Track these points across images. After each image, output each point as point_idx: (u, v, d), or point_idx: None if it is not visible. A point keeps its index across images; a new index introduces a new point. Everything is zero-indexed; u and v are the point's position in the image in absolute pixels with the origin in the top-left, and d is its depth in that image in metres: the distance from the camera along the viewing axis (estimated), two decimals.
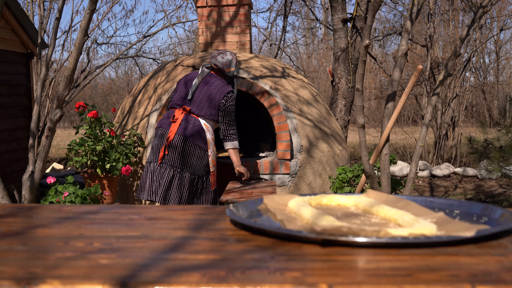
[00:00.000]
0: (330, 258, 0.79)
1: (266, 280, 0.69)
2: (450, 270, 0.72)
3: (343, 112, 6.64)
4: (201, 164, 3.98)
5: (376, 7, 2.88)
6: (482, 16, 3.20)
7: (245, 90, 5.07)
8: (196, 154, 3.96)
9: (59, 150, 12.53)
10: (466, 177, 8.16)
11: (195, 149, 3.96)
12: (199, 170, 3.98)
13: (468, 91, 10.83)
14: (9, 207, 1.27)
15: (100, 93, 20.96)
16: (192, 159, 3.95)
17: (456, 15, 10.67)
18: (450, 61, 3.22)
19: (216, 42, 5.79)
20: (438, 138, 9.24)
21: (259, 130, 6.44)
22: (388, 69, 12.35)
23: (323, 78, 17.66)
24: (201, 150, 3.98)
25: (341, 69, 6.61)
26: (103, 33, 27.31)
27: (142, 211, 1.20)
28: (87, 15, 3.04)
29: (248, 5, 5.76)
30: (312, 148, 5.13)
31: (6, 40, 6.42)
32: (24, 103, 6.95)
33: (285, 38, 10.49)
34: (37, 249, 0.88)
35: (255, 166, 5.01)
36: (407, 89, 3.20)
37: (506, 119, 5.72)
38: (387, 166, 3.05)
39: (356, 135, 13.16)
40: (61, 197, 4.01)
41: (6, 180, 5.84)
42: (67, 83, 3.18)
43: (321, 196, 1.18)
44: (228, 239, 0.92)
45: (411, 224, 0.94)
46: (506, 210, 1.03)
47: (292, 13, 12.20)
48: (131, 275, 0.72)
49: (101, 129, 5.11)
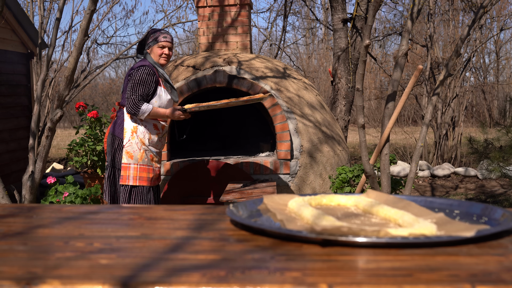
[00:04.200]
0: (330, 258, 0.79)
1: (266, 280, 0.69)
2: (450, 270, 0.72)
3: (343, 112, 6.64)
4: (118, 155, 3.62)
5: (376, 7, 2.89)
6: (482, 16, 3.20)
7: (246, 90, 5.07)
8: (114, 145, 3.65)
9: (59, 150, 12.53)
10: (467, 177, 8.15)
11: (114, 140, 3.66)
12: (116, 162, 3.65)
13: (468, 91, 10.83)
14: (9, 207, 1.27)
15: (100, 93, 20.96)
16: (113, 151, 3.66)
17: (456, 15, 10.67)
18: (450, 61, 3.23)
19: (217, 42, 5.79)
20: (438, 138, 9.24)
21: (259, 130, 6.44)
22: (388, 69, 12.35)
23: (323, 78, 17.66)
24: (118, 139, 3.64)
25: (341, 69, 6.61)
26: (103, 33, 27.31)
27: (142, 211, 1.20)
28: (87, 15, 3.04)
29: (248, 5, 5.76)
30: (312, 148, 5.13)
31: (6, 40, 6.42)
32: (24, 103, 6.95)
33: (285, 38, 10.50)
34: (37, 249, 0.88)
35: (256, 166, 5.01)
36: (407, 89, 3.20)
37: (506, 119, 5.73)
38: (387, 166, 3.05)
39: (356, 135, 13.16)
40: (61, 197, 4.01)
41: (6, 180, 5.84)
42: (67, 83, 3.18)
43: (321, 196, 1.18)
44: (228, 239, 0.92)
45: (411, 224, 0.94)
46: (506, 210, 1.03)
47: (292, 13, 12.20)
48: (131, 275, 0.72)
49: (101, 129, 5.11)
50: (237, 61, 5.36)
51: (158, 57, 3.67)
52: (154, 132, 3.67)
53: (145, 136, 3.62)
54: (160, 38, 3.65)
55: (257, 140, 6.26)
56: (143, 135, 3.62)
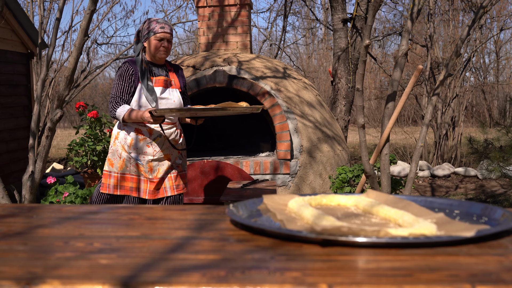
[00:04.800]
0: (330, 258, 0.79)
1: (266, 280, 0.69)
2: (450, 270, 0.72)
3: (343, 112, 6.64)
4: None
5: (376, 7, 2.89)
6: (482, 16, 3.20)
7: (246, 90, 5.07)
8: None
9: (59, 150, 12.53)
10: (467, 177, 8.15)
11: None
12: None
13: (468, 91, 10.83)
14: (9, 207, 1.27)
15: (100, 93, 20.97)
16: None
17: (456, 15, 10.67)
18: (450, 61, 3.23)
19: (217, 42, 5.79)
20: (438, 138, 9.24)
21: (259, 130, 6.44)
22: (388, 69, 12.35)
23: (323, 78, 17.66)
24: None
25: (341, 69, 6.61)
26: (103, 33, 27.34)
27: (142, 211, 1.20)
28: (87, 15, 3.04)
29: (248, 5, 5.76)
30: (312, 148, 5.13)
31: (6, 40, 6.42)
32: (24, 103, 6.95)
33: (285, 38, 10.50)
34: (37, 249, 0.88)
35: (256, 166, 5.01)
36: (407, 89, 3.20)
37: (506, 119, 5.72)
38: (387, 166, 3.05)
39: (356, 135, 13.16)
40: (61, 197, 4.01)
41: (6, 180, 5.84)
42: (67, 83, 3.18)
43: (321, 196, 1.18)
44: (228, 239, 0.92)
45: (411, 224, 0.94)
46: (506, 210, 1.03)
47: (292, 13, 12.20)
48: (131, 275, 0.72)
49: (101, 129, 5.11)
50: (237, 61, 5.36)
51: (156, 50, 3.17)
52: (136, 137, 3.14)
53: (125, 142, 3.16)
54: (157, 29, 3.14)
55: (257, 140, 6.26)
56: (124, 141, 3.16)
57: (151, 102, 3.10)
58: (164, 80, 3.21)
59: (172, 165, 3.27)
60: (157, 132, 3.17)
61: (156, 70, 3.23)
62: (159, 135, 3.18)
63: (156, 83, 3.18)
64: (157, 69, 3.23)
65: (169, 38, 3.18)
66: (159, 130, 3.17)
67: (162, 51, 3.17)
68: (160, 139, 3.19)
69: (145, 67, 3.16)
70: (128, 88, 3.11)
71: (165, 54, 3.19)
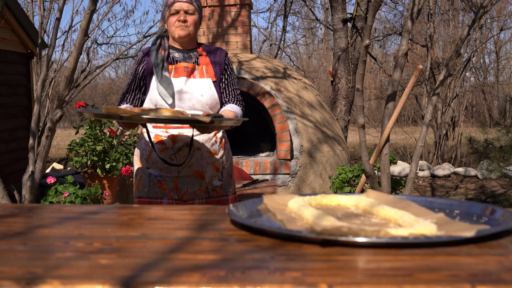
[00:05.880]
0: (330, 258, 0.79)
1: (266, 280, 0.69)
2: (450, 270, 0.72)
3: (343, 112, 6.64)
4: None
5: (376, 7, 2.89)
6: (482, 16, 3.20)
7: (246, 90, 5.07)
8: None
9: (59, 150, 12.52)
10: (467, 177, 8.15)
11: None
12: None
13: (468, 91, 10.83)
14: (9, 207, 1.27)
15: (100, 93, 20.97)
16: None
17: (456, 15, 10.67)
18: (450, 61, 3.22)
19: (217, 42, 5.79)
20: (438, 138, 9.24)
21: (259, 130, 6.44)
22: (388, 69, 12.35)
23: (323, 78, 17.66)
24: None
25: (341, 69, 6.61)
26: (103, 33, 27.34)
27: (142, 211, 1.20)
28: (87, 15, 3.04)
29: (248, 5, 5.77)
30: (312, 148, 5.13)
31: (6, 40, 6.42)
32: (24, 103, 6.95)
33: (285, 38, 10.50)
34: (37, 249, 0.88)
35: (256, 166, 5.01)
36: (407, 89, 3.20)
37: (506, 119, 5.72)
38: (387, 166, 3.05)
39: (356, 135, 13.15)
40: (61, 197, 4.00)
41: (6, 180, 5.84)
42: (67, 83, 3.18)
43: (321, 196, 1.18)
44: (228, 239, 0.92)
45: (411, 224, 0.94)
46: (506, 210, 1.03)
47: (292, 13, 12.20)
48: (131, 275, 0.72)
49: (101, 129, 5.11)
50: (237, 61, 5.36)
51: (174, 28, 2.35)
52: (156, 146, 2.33)
53: (143, 154, 2.38)
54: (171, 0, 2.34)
55: (257, 140, 6.26)
56: (141, 153, 2.39)
57: (166, 98, 2.29)
58: (184, 67, 2.36)
59: (207, 187, 2.41)
60: (184, 139, 2.33)
61: (178, 56, 2.40)
62: (186, 143, 2.33)
63: (174, 72, 2.36)
64: (180, 55, 2.40)
65: (186, 9, 2.33)
66: (186, 135, 2.34)
67: (179, 27, 2.33)
68: (186, 149, 2.34)
69: (163, 55, 2.36)
70: (135, 82, 2.38)
71: (183, 30, 2.33)
